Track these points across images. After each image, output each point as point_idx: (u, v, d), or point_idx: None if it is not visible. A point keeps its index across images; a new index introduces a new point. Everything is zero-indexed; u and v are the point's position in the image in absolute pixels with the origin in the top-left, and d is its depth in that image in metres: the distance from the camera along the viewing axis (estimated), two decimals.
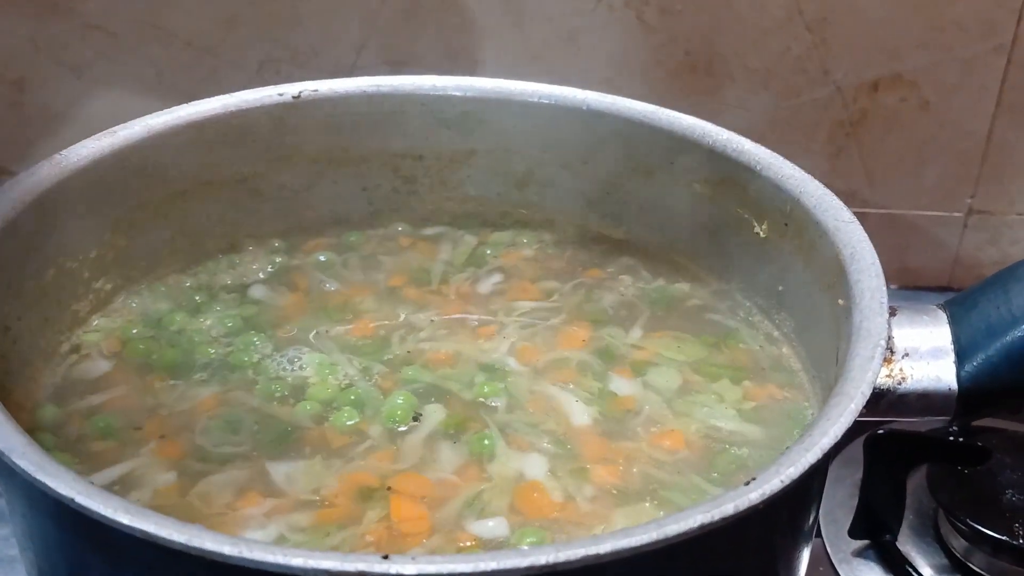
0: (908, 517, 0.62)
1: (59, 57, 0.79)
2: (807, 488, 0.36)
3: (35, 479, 0.30)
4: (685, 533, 0.29)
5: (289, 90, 0.55)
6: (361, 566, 0.27)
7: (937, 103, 0.79)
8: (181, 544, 0.28)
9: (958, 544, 0.60)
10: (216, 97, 0.53)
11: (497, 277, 0.55)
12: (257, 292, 0.53)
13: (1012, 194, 0.81)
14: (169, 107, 0.52)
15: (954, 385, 0.39)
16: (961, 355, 0.39)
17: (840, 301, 0.41)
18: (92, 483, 0.31)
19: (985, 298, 0.40)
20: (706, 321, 0.51)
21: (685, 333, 0.51)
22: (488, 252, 0.57)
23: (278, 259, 0.55)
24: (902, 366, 0.39)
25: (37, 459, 0.31)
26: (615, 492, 0.42)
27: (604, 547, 0.28)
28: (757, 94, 0.79)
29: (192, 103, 0.53)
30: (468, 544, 0.39)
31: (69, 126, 0.85)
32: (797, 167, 0.48)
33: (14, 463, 0.31)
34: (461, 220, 0.59)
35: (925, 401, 0.40)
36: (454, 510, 0.40)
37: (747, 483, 0.31)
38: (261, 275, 0.54)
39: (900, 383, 0.39)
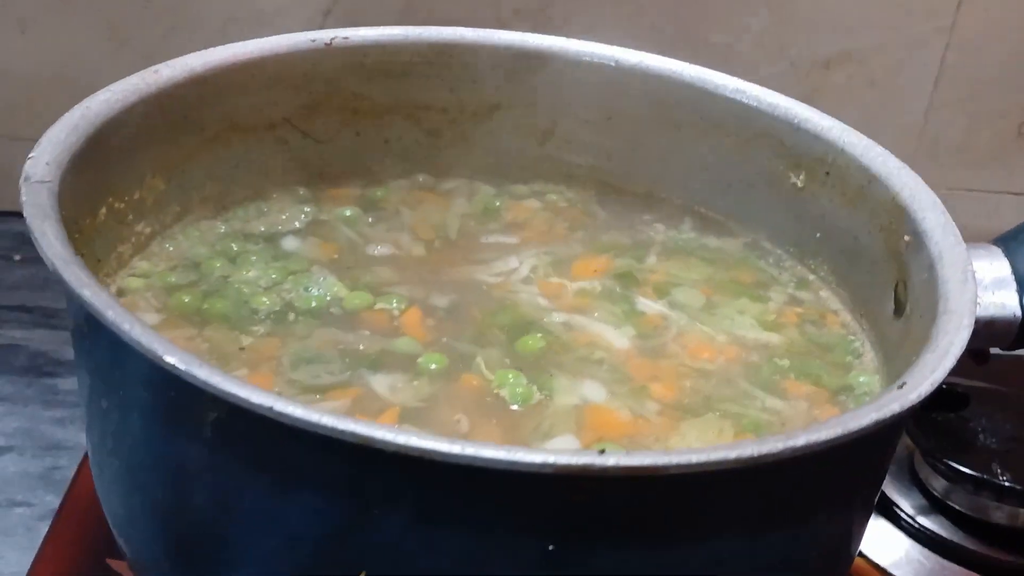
0: None
1: (2, 9, 0.75)
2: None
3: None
4: (862, 429, 0.31)
5: (322, 36, 0.54)
6: (585, 459, 0.27)
7: (882, 81, 0.84)
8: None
9: (938, 485, 0.64)
10: (252, 40, 0.52)
11: (515, 228, 0.56)
12: (290, 244, 0.52)
13: (944, 170, 0.87)
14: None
15: (1018, 311, 0.42)
16: (1022, 283, 0.42)
17: (906, 238, 0.44)
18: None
19: None
20: (740, 269, 0.54)
21: (716, 268, 0.53)
22: (507, 205, 0.57)
23: (307, 208, 0.54)
24: None
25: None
26: (677, 407, 0.43)
27: (799, 440, 0.30)
28: (717, 68, 0.82)
29: (228, 45, 0.52)
30: None
31: (10, 84, 0.80)
32: (835, 119, 0.51)
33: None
34: (481, 173, 0.59)
35: (991, 328, 0.43)
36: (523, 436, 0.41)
37: (900, 386, 0.33)
38: (296, 224, 0.53)
39: None
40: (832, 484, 0.35)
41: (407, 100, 0.57)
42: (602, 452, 0.28)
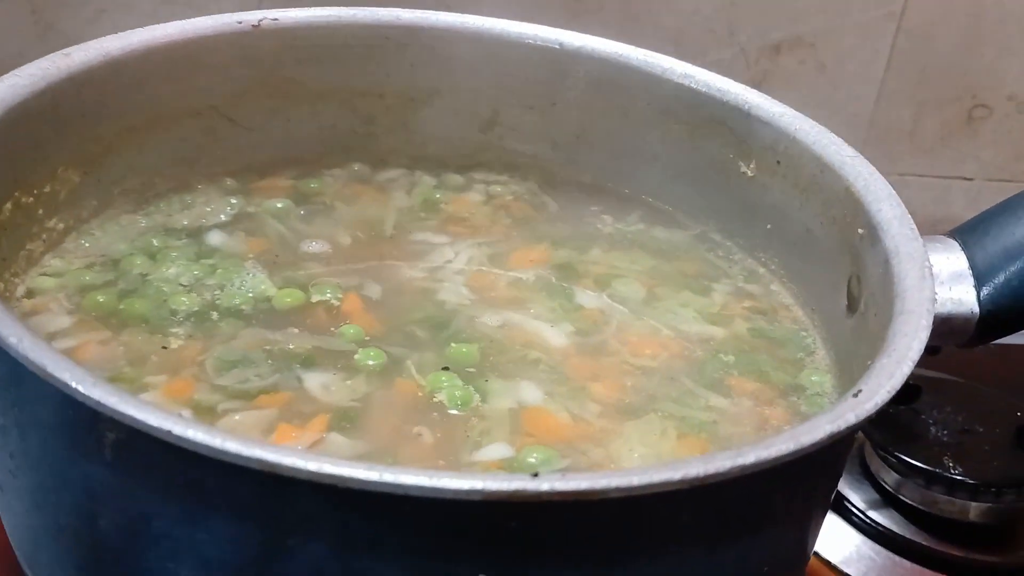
0: None
1: None
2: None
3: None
4: (816, 443, 0.29)
5: (249, 17, 0.51)
6: (516, 485, 0.25)
7: (832, 66, 0.82)
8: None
9: (889, 478, 0.62)
10: (173, 23, 0.49)
11: (454, 222, 0.53)
12: (215, 239, 0.49)
13: (894, 155, 0.86)
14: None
15: (975, 308, 0.41)
16: (979, 279, 0.41)
17: (860, 231, 0.42)
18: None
19: (996, 224, 0.42)
20: (686, 260, 0.52)
21: (660, 260, 0.51)
22: (445, 197, 0.55)
23: (233, 200, 0.51)
24: None
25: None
26: (618, 407, 0.41)
27: (748, 458, 0.28)
28: (666, 52, 0.80)
29: (149, 27, 0.49)
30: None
31: None
32: (787, 106, 0.49)
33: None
34: (421, 163, 0.56)
35: (947, 325, 0.41)
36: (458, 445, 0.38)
37: (855, 394, 0.31)
38: (221, 217, 0.50)
39: None
40: (786, 494, 0.33)
41: (342, 85, 0.54)
42: (535, 476, 0.26)
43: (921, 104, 0.84)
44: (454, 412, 0.40)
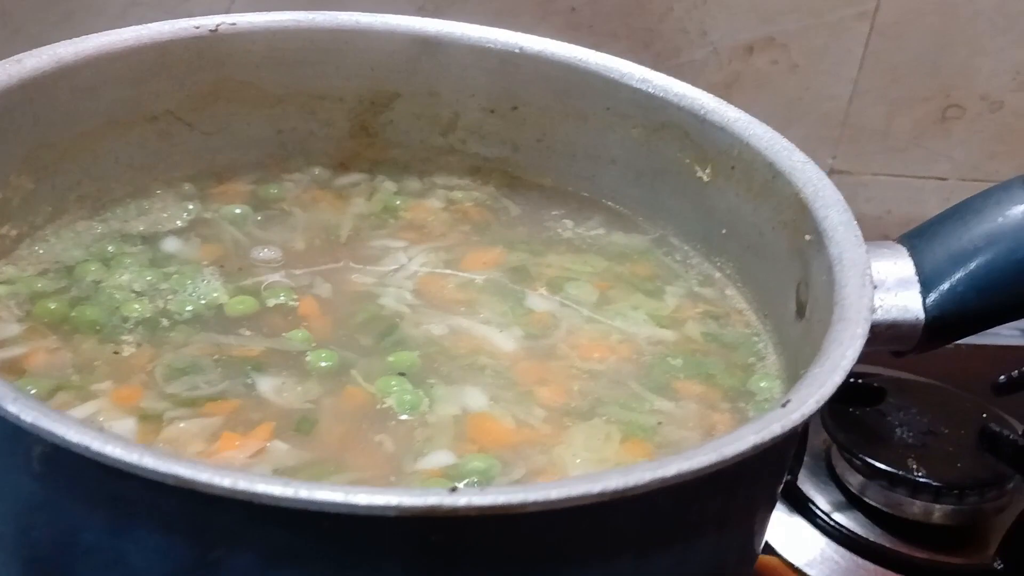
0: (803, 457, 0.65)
1: None
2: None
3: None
4: (740, 455, 0.29)
5: (206, 22, 0.51)
6: (432, 500, 0.25)
7: (805, 66, 0.82)
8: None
9: (854, 480, 0.63)
10: (129, 28, 0.49)
11: (412, 228, 0.53)
12: (170, 245, 0.49)
13: (867, 155, 0.86)
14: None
15: (921, 314, 0.41)
16: (926, 284, 0.41)
17: (807, 236, 0.42)
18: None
19: (944, 230, 0.42)
20: (641, 264, 0.52)
21: (614, 262, 0.51)
22: (404, 203, 0.55)
23: (190, 206, 0.51)
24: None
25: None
26: (564, 412, 0.41)
27: (669, 470, 0.28)
28: (638, 53, 0.80)
29: (103, 33, 0.48)
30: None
31: None
32: (742, 111, 0.49)
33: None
34: (380, 167, 0.56)
35: (893, 331, 0.41)
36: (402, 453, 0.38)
37: (784, 404, 0.31)
38: (177, 223, 0.50)
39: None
40: (718, 502, 0.33)
41: (301, 89, 0.54)
42: (453, 490, 0.26)
43: (894, 103, 0.84)
44: (404, 418, 0.40)
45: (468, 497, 0.25)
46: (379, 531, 0.27)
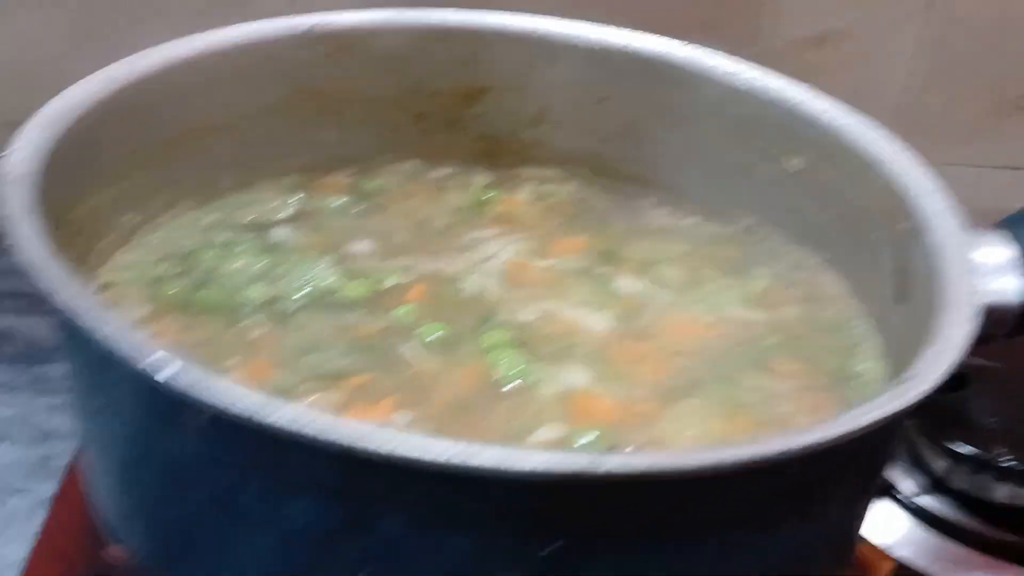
0: None
1: None
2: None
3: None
4: (861, 429, 0.30)
5: (302, 22, 0.53)
6: (583, 463, 0.27)
7: (872, 56, 0.83)
8: None
9: (938, 466, 0.63)
10: (230, 27, 0.51)
11: (502, 219, 0.55)
12: (279, 234, 0.51)
13: (933, 144, 0.86)
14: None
15: (1017, 298, 0.42)
16: None
17: (906, 224, 0.43)
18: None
19: None
20: (731, 248, 0.53)
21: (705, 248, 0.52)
22: (496, 195, 0.56)
23: (295, 198, 0.53)
24: None
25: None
26: (664, 389, 0.42)
27: (812, 437, 0.29)
28: (711, 45, 0.81)
29: (207, 32, 0.50)
30: None
31: None
32: (830, 101, 0.50)
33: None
34: (471, 160, 0.58)
35: (990, 317, 0.42)
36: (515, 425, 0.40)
37: (900, 383, 0.32)
38: (283, 214, 0.52)
39: None
40: (834, 479, 0.34)
41: (394, 85, 0.56)
42: (610, 450, 0.27)
43: (957, 92, 0.84)
44: (515, 389, 0.41)
45: (618, 460, 0.26)
46: (523, 493, 0.28)
